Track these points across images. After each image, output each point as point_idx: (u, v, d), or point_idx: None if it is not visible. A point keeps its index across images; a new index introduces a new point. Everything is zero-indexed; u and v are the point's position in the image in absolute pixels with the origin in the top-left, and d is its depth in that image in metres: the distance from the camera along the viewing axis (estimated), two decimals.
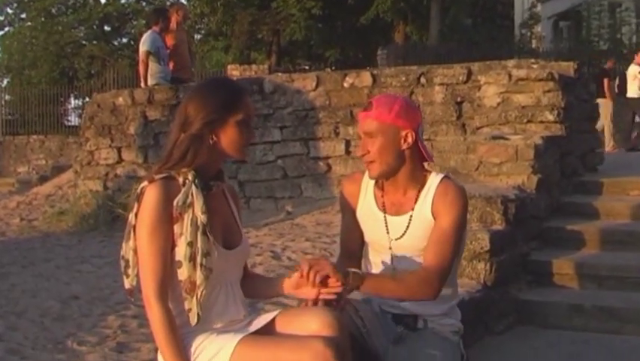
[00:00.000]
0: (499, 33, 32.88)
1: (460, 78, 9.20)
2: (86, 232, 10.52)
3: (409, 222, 3.28)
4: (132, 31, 36.05)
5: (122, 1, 40.10)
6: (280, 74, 13.35)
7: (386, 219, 3.33)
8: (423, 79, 9.49)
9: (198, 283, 2.71)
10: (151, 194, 2.71)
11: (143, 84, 12.28)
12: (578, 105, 7.99)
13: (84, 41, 36.46)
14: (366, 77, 9.90)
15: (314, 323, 2.76)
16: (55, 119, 26.54)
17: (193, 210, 2.71)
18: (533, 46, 31.74)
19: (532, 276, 5.89)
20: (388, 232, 3.32)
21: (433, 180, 3.29)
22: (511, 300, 5.48)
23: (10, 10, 40.77)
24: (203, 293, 2.73)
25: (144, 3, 39.74)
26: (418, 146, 3.27)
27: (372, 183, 3.42)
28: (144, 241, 2.70)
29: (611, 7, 31.51)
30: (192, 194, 2.73)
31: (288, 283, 3.05)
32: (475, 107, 8.58)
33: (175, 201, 2.70)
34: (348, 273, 2.98)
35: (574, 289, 5.80)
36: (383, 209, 3.35)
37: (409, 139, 3.22)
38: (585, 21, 31.11)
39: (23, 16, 39.64)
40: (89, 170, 11.97)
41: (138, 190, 2.77)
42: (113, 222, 10.19)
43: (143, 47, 11.99)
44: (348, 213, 3.49)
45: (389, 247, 3.31)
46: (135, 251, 2.77)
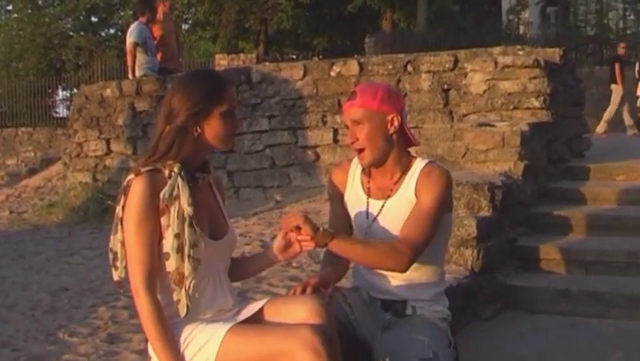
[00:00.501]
0: (487, 19, 32.89)
1: (446, 66, 9.22)
2: (75, 224, 10.53)
3: (383, 204, 3.33)
4: (119, 22, 35.84)
5: None
6: (268, 63, 13.35)
7: (368, 203, 3.38)
8: (410, 67, 9.50)
9: (186, 274, 2.73)
10: (137, 187, 2.73)
11: (130, 75, 12.27)
12: (564, 91, 8.02)
13: (71, 33, 36.28)
14: (353, 66, 9.91)
15: (301, 311, 2.79)
16: (43, 111, 26.43)
17: (179, 202, 2.73)
18: (521, 32, 31.80)
19: (520, 262, 5.94)
20: (367, 216, 3.36)
21: (418, 165, 3.33)
22: (498, 286, 5.52)
23: None
24: (192, 284, 2.75)
25: None
26: (404, 130, 3.33)
27: (359, 170, 3.46)
28: (131, 233, 2.73)
29: None
30: (178, 186, 2.74)
31: (275, 249, 3.12)
32: (461, 94, 8.61)
33: (161, 194, 2.72)
34: (319, 228, 3.06)
35: (561, 274, 5.85)
36: (368, 193, 3.39)
37: (396, 123, 3.28)
38: (572, 7, 31.17)
39: (10, 8, 39.52)
40: (78, 162, 11.96)
41: (125, 183, 2.79)
42: (102, 214, 10.19)
43: (130, 38, 11.98)
44: (337, 201, 3.53)
45: (367, 232, 3.35)
46: (123, 243, 2.79)
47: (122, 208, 2.77)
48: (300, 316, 2.78)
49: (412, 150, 3.45)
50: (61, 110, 29.15)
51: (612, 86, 16.48)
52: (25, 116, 25.87)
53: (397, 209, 3.28)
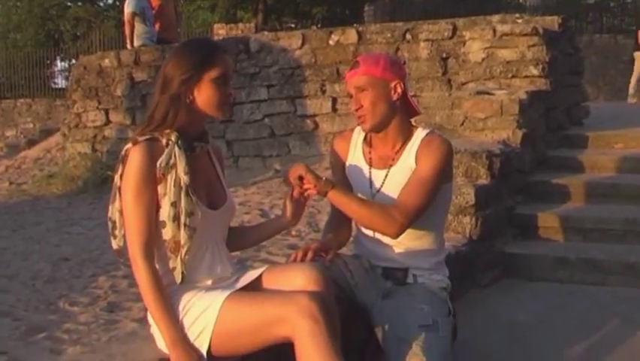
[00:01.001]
0: None
1: (445, 34, 9.19)
2: (75, 194, 10.54)
3: (386, 174, 3.35)
4: None
5: None
6: (266, 32, 13.30)
7: (371, 173, 3.40)
8: (408, 35, 9.48)
9: (182, 242, 2.75)
10: (135, 156, 2.74)
11: (129, 45, 12.25)
12: (562, 59, 8.00)
13: (69, 3, 36.08)
14: (351, 34, 9.88)
15: (299, 279, 2.82)
16: (42, 82, 26.36)
17: (176, 171, 2.75)
18: (520, 0, 31.63)
19: (518, 229, 5.95)
20: (371, 186, 3.38)
21: (420, 134, 3.37)
22: (496, 253, 5.54)
23: None
24: (188, 252, 2.77)
25: None
26: (407, 98, 3.36)
27: (361, 139, 3.49)
28: (129, 202, 2.74)
29: None
30: (175, 155, 2.76)
31: (286, 212, 3.25)
32: (460, 62, 8.58)
33: (158, 163, 2.73)
34: (321, 177, 3.15)
35: (559, 241, 5.86)
36: (370, 163, 3.42)
37: (399, 89, 3.31)
38: None
39: None
40: (77, 132, 11.96)
41: (122, 152, 2.80)
42: (102, 184, 10.20)
43: (128, 8, 11.96)
44: (338, 170, 3.56)
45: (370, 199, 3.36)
46: (121, 212, 2.81)
47: (120, 177, 2.79)
48: (298, 283, 2.80)
49: (412, 120, 3.47)
50: (60, 81, 29.13)
51: (635, 53, 16.18)
52: (23, 87, 25.79)
53: (399, 178, 3.31)
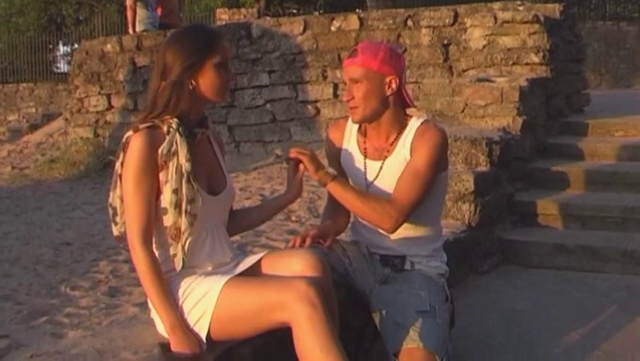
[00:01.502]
0: None
1: (446, 21, 9.21)
2: (77, 179, 10.58)
3: (381, 165, 3.36)
4: None
5: None
6: (268, 18, 13.30)
7: (366, 164, 3.41)
8: (410, 22, 9.49)
9: (183, 229, 2.77)
10: (136, 143, 2.76)
11: (131, 30, 12.26)
12: (563, 47, 8.00)
13: None
14: (353, 21, 9.90)
15: (298, 264, 2.84)
16: (44, 67, 26.31)
17: (177, 158, 2.76)
18: None
19: (517, 216, 5.97)
20: (366, 177, 3.40)
21: (414, 124, 3.35)
22: (495, 240, 5.57)
23: None
24: (188, 239, 2.80)
25: None
26: (402, 92, 3.35)
27: (355, 129, 3.49)
28: (129, 189, 2.76)
29: None
30: (176, 142, 2.77)
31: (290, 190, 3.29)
32: (461, 49, 8.59)
33: (160, 150, 2.75)
34: (323, 167, 3.19)
35: (557, 229, 5.88)
36: (364, 154, 3.42)
37: (393, 85, 3.29)
38: None
39: None
40: (79, 117, 11.99)
41: (123, 140, 2.82)
42: (104, 169, 10.25)
43: None
44: (333, 160, 3.56)
45: (366, 192, 3.38)
46: (122, 199, 2.83)
47: (121, 165, 2.81)
48: (296, 269, 2.82)
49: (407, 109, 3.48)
50: (62, 66, 29.04)
51: None
52: (26, 71, 25.76)
53: (394, 169, 3.31)
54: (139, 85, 11.20)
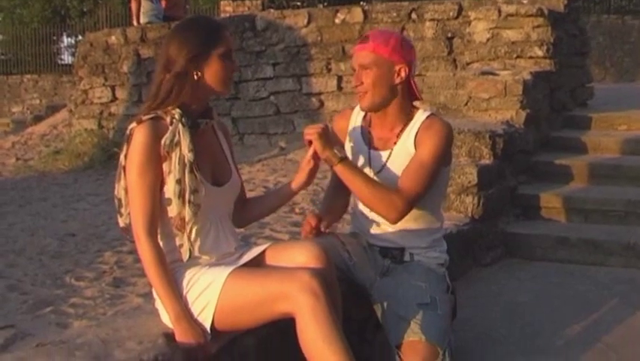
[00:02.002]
0: None
1: (450, 14, 9.21)
2: (81, 170, 10.61)
3: (388, 156, 3.36)
4: None
5: None
6: (272, 10, 13.30)
7: (370, 154, 3.42)
8: (414, 15, 9.50)
9: (187, 219, 2.79)
10: (139, 135, 2.77)
11: (135, 22, 12.28)
12: (567, 40, 8.00)
13: None
14: (357, 13, 9.91)
15: (301, 256, 2.86)
16: (48, 59, 26.33)
17: (180, 148, 2.77)
18: None
19: (520, 209, 5.99)
20: (370, 167, 3.40)
21: (420, 117, 3.36)
22: (498, 233, 5.57)
23: None
24: (193, 229, 2.82)
25: None
26: (410, 82, 3.35)
27: (360, 119, 3.50)
28: (134, 181, 2.77)
29: None
30: (179, 133, 2.78)
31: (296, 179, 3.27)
32: (465, 42, 8.60)
33: (162, 141, 2.76)
34: (331, 148, 3.17)
35: (560, 222, 5.89)
36: (369, 144, 3.43)
37: (402, 74, 3.30)
38: None
39: None
40: (83, 109, 12.01)
41: (127, 132, 2.83)
42: (108, 160, 10.27)
43: None
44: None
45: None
46: (127, 191, 2.84)
47: (125, 157, 2.82)
48: (299, 260, 2.84)
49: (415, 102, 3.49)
50: (66, 57, 29.08)
51: None
52: (30, 63, 25.77)
53: (398, 161, 3.33)
54: (143, 77, 11.22)
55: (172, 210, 2.80)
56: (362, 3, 13.37)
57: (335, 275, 2.92)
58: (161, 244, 2.84)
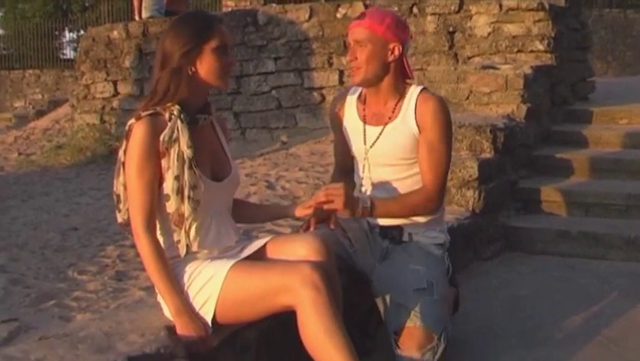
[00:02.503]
0: None
1: (452, 8, 9.19)
2: (83, 165, 10.63)
3: (382, 130, 3.42)
4: None
5: None
6: (274, 5, 13.31)
7: (365, 129, 3.47)
8: (415, 9, 9.48)
9: (186, 215, 2.80)
10: (138, 131, 2.78)
11: (137, 17, 12.27)
12: (568, 34, 8.02)
13: None
14: (359, 8, 9.87)
15: (302, 249, 2.88)
16: (50, 53, 26.32)
17: (179, 144, 2.78)
18: None
19: (521, 203, 6.00)
20: (365, 142, 3.46)
21: (413, 92, 3.42)
22: (499, 227, 5.59)
23: None
24: (192, 225, 2.83)
25: None
26: (403, 61, 3.41)
27: (355, 98, 3.57)
28: (132, 176, 2.78)
29: None
30: (178, 129, 2.79)
31: (298, 209, 3.25)
32: (466, 36, 8.61)
33: (161, 137, 2.76)
34: (357, 209, 3.18)
35: (561, 216, 5.91)
36: (364, 120, 3.49)
37: (396, 52, 3.36)
38: None
39: None
40: (85, 104, 12.02)
41: (126, 128, 2.84)
42: (110, 155, 10.29)
43: None
44: (337, 130, 3.65)
45: (364, 157, 3.47)
46: (125, 187, 2.85)
47: (124, 152, 2.83)
48: (301, 253, 2.87)
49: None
50: (69, 52, 29.06)
51: None
52: (32, 58, 25.75)
53: (395, 135, 3.39)
54: (145, 71, 11.22)
55: (170, 206, 2.81)
56: None
57: (336, 268, 2.95)
58: (161, 240, 2.86)
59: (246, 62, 10.43)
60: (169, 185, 2.80)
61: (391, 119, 3.41)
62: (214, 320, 2.79)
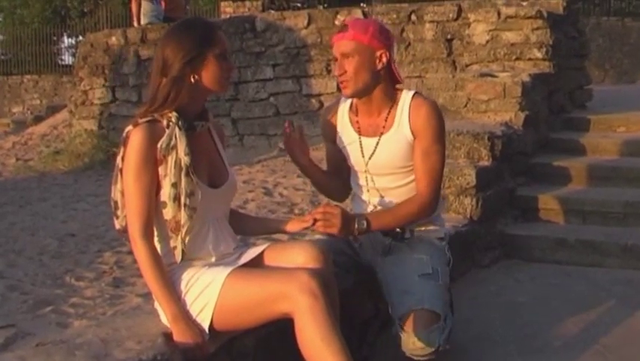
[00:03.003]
0: None
1: (450, 15, 9.22)
2: (81, 171, 10.63)
3: (378, 141, 3.42)
4: None
5: None
6: (272, 11, 13.33)
7: (361, 141, 3.47)
8: (413, 16, 9.51)
9: (182, 222, 2.79)
10: (135, 138, 2.77)
11: (135, 23, 12.30)
12: (566, 42, 8.02)
13: None
14: (357, 15, 9.91)
15: (300, 256, 2.88)
16: (48, 59, 26.34)
17: (176, 152, 2.77)
18: None
19: (519, 211, 5.99)
20: (363, 154, 3.46)
21: (405, 98, 3.41)
22: (497, 234, 5.58)
23: None
24: (188, 232, 2.82)
25: None
26: (391, 67, 3.40)
27: (347, 109, 3.55)
28: (130, 183, 2.78)
29: None
30: (176, 136, 2.78)
31: (293, 223, 3.23)
32: (464, 44, 8.62)
33: (159, 144, 2.76)
34: (354, 231, 3.20)
35: (559, 223, 5.90)
36: (358, 131, 3.48)
37: (384, 59, 3.34)
38: None
39: None
40: (83, 109, 12.03)
41: (124, 134, 2.84)
42: (108, 161, 10.29)
43: None
44: (330, 141, 3.65)
45: (365, 169, 3.47)
46: (123, 193, 2.85)
47: (122, 159, 2.83)
48: (298, 260, 2.87)
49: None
50: (67, 58, 29.10)
51: None
52: (30, 63, 25.78)
53: (392, 145, 3.39)
54: (143, 77, 11.23)
55: (167, 213, 2.81)
56: (362, 4, 13.36)
57: (333, 275, 2.95)
58: (158, 246, 2.85)
59: (244, 69, 10.44)
60: (166, 192, 2.80)
61: (386, 129, 3.41)
62: (211, 326, 2.78)
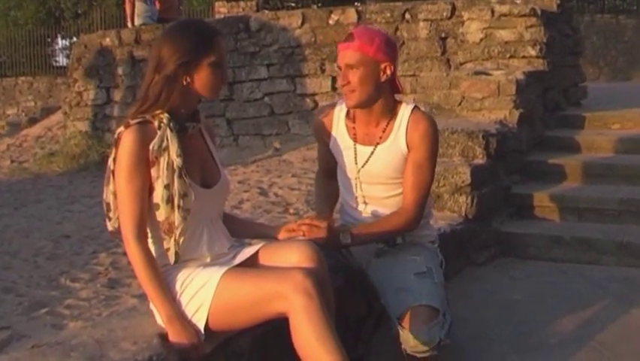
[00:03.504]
0: None
1: (444, 14, 9.23)
2: (76, 172, 10.62)
3: (373, 150, 3.42)
4: None
5: None
6: (266, 11, 13.32)
7: (356, 149, 3.46)
8: (407, 15, 9.51)
9: (176, 223, 2.79)
10: (127, 139, 2.76)
11: (129, 24, 12.28)
12: (560, 40, 8.02)
13: None
14: (351, 14, 9.92)
15: (295, 256, 2.87)
16: (43, 60, 26.29)
17: (168, 153, 2.77)
18: None
19: (514, 209, 5.99)
20: (356, 161, 3.46)
21: (405, 112, 3.41)
22: (492, 232, 5.58)
23: None
24: (182, 233, 2.81)
25: None
26: (394, 78, 3.40)
27: (343, 115, 3.54)
28: (122, 185, 2.78)
29: None
30: (167, 138, 2.78)
31: (284, 230, 3.25)
32: (458, 42, 8.62)
33: (151, 146, 2.75)
34: (338, 235, 3.22)
35: (554, 221, 5.90)
36: (354, 139, 3.48)
37: (388, 71, 3.33)
38: None
39: None
40: (78, 111, 12.02)
41: (115, 136, 2.83)
42: (102, 162, 10.25)
43: None
44: (323, 144, 3.65)
45: (356, 176, 3.47)
46: (115, 195, 2.85)
47: (113, 161, 2.82)
48: (293, 260, 2.86)
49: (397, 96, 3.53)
50: (61, 59, 29.01)
51: None
52: (24, 65, 25.73)
53: (387, 156, 3.39)
54: (138, 78, 11.22)
55: (160, 214, 2.80)
56: (356, 4, 13.36)
57: (328, 275, 2.94)
58: (152, 248, 2.85)
59: (239, 69, 10.44)
60: (159, 194, 2.79)
61: (382, 140, 3.41)
62: (207, 327, 2.78)
